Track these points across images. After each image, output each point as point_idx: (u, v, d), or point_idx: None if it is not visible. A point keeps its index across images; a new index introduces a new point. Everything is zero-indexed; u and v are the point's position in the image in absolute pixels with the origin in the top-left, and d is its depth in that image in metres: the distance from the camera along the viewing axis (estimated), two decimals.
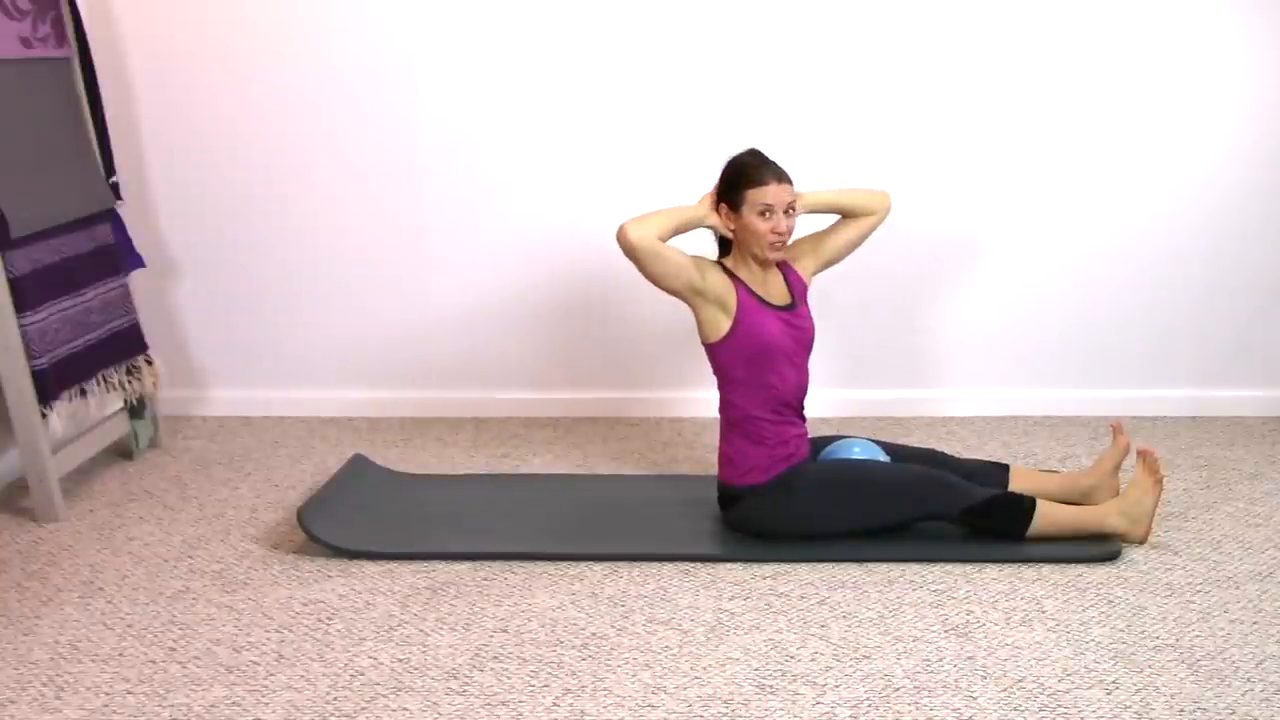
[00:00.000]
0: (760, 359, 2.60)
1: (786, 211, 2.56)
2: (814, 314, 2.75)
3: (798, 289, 2.71)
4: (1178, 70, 3.31)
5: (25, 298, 2.80)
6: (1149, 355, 3.55)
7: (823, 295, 3.46)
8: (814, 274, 2.79)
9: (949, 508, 2.58)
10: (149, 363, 3.30)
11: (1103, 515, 2.60)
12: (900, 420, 3.56)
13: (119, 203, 3.26)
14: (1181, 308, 3.51)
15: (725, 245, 2.68)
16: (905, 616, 2.35)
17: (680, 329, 3.52)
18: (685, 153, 3.39)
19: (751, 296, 2.61)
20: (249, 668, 2.20)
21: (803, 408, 2.71)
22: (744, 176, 2.55)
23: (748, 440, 2.62)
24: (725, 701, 2.06)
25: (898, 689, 2.09)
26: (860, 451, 2.72)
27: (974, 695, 2.07)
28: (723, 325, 2.58)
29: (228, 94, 3.44)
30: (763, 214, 2.54)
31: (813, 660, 2.19)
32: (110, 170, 3.22)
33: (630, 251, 2.49)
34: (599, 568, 2.59)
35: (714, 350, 2.63)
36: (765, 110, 3.36)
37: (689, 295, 2.57)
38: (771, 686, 2.11)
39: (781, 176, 2.55)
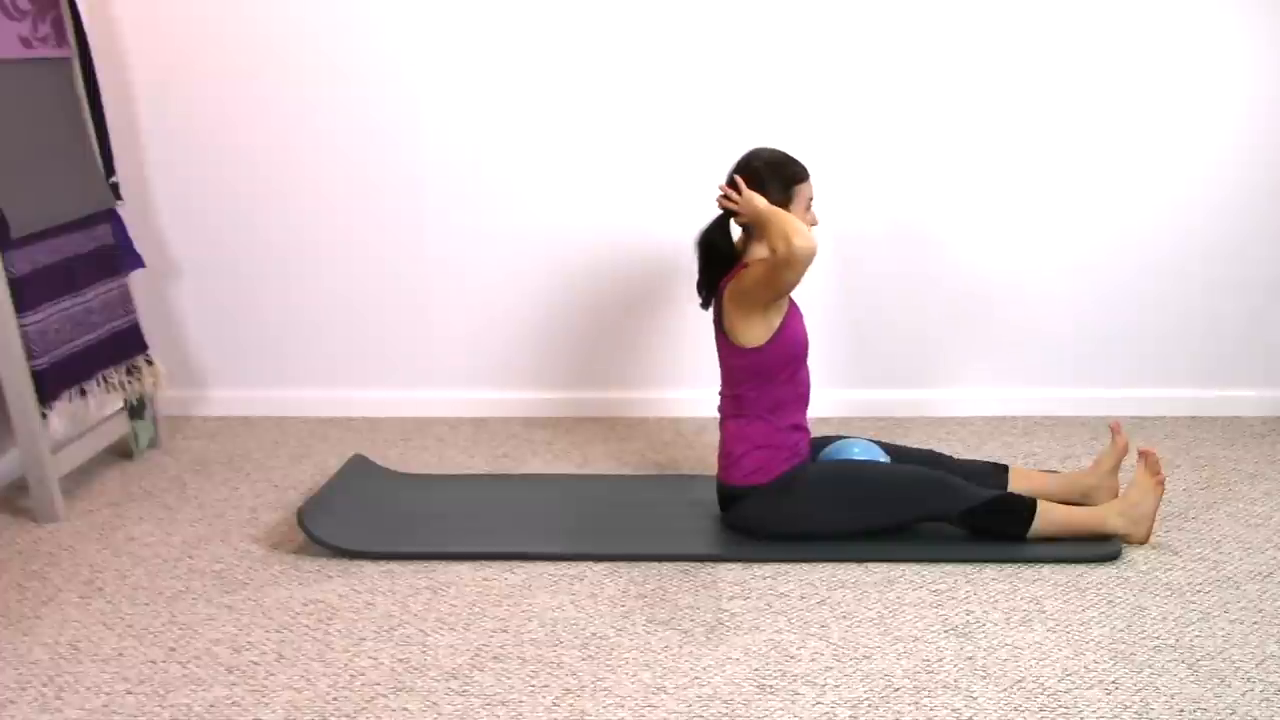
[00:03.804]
0: (796, 358, 2.60)
1: None
2: (814, 314, 2.74)
3: None
4: (1177, 70, 3.31)
5: (25, 298, 2.80)
6: (1149, 355, 3.56)
7: (823, 295, 3.47)
8: None
9: (949, 509, 2.58)
10: (149, 363, 3.30)
11: (1103, 516, 2.60)
12: (900, 420, 3.56)
13: (119, 203, 3.26)
14: (1181, 308, 3.51)
15: (720, 249, 2.65)
16: (905, 616, 2.35)
17: (680, 329, 3.52)
18: (684, 152, 3.39)
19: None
20: (249, 668, 2.20)
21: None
22: (792, 172, 2.57)
23: (762, 442, 2.60)
24: (725, 701, 2.06)
25: (898, 689, 2.09)
26: (860, 452, 2.72)
27: (974, 695, 2.07)
28: (774, 325, 2.55)
29: (228, 94, 3.44)
30: (807, 207, 2.58)
31: (813, 660, 2.19)
32: (110, 170, 3.22)
33: (811, 260, 2.41)
34: (599, 568, 2.59)
35: (759, 353, 2.55)
36: (765, 110, 3.36)
37: (782, 298, 2.51)
38: (771, 686, 2.11)
39: None
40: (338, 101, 3.43)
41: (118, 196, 3.25)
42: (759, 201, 2.50)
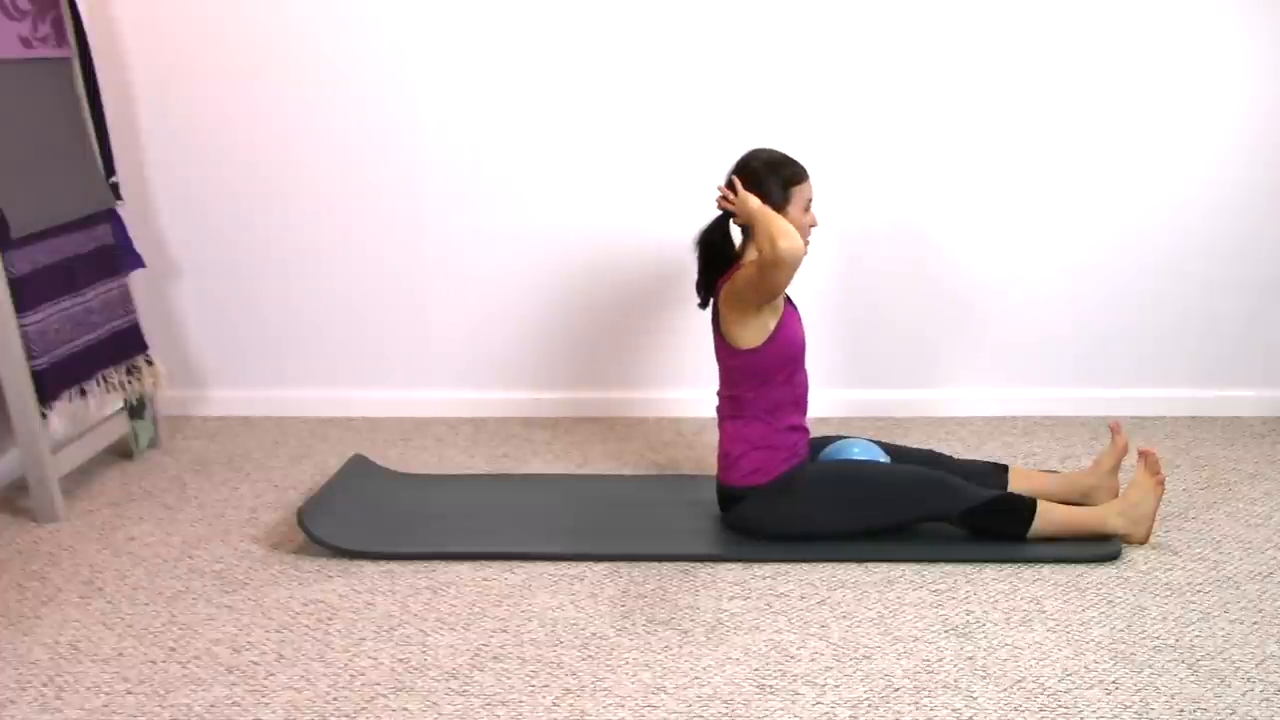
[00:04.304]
0: (793, 359, 2.60)
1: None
2: (813, 313, 2.74)
3: None
4: (1177, 70, 3.31)
5: (25, 298, 2.80)
6: (1149, 355, 3.56)
7: (822, 295, 3.48)
8: None
9: (949, 509, 2.58)
10: (149, 363, 3.30)
11: (1103, 516, 2.60)
12: (900, 420, 3.56)
13: (119, 203, 3.26)
14: (1180, 307, 3.51)
15: (719, 249, 2.66)
16: (905, 616, 2.35)
17: (680, 329, 3.52)
18: (684, 152, 3.39)
19: (785, 297, 2.62)
20: (249, 668, 2.20)
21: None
22: (790, 173, 2.56)
23: (760, 443, 2.60)
24: (725, 701, 2.06)
25: (898, 689, 2.09)
26: (860, 452, 2.72)
27: (974, 695, 2.07)
28: (769, 327, 2.54)
29: (228, 94, 3.44)
30: (806, 208, 2.57)
31: (813, 660, 2.19)
32: (110, 170, 3.22)
33: (798, 262, 2.41)
34: (599, 568, 2.59)
35: (755, 354, 2.55)
36: (765, 110, 3.36)
37: (774, 300, 2.51)
38: (771, 686, 2.11)
39: None
40: (338, 101, 3.43)
41: (118, 196, 3.25)
42: (752, 202, 2.49)
